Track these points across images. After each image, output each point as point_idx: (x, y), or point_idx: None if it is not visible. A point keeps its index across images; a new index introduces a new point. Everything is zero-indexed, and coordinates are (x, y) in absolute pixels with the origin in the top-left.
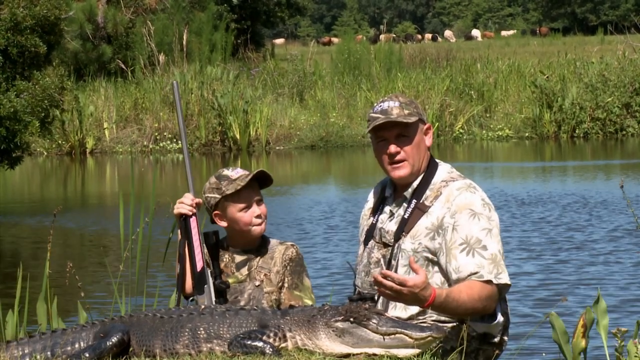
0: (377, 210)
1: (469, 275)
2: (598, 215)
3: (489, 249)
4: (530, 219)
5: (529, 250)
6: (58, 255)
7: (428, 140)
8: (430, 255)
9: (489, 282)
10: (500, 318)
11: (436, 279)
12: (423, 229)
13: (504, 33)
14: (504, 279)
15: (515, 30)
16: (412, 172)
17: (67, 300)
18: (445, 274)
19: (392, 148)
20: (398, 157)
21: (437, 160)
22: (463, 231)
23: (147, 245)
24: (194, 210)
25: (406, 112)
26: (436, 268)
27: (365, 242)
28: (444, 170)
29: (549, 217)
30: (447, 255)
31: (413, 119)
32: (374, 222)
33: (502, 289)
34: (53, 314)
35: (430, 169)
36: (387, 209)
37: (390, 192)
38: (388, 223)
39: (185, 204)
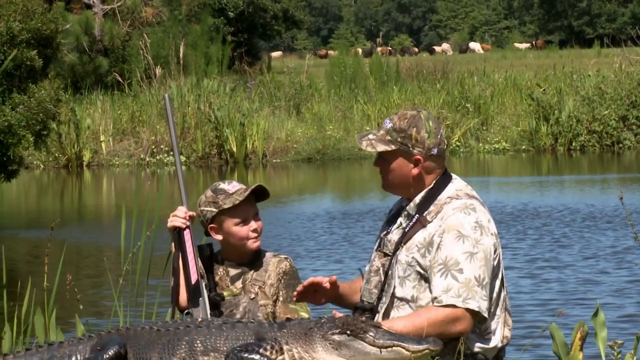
0: (393, 219)
1: (434, 298)
2: (594, 230)
3: (465, 272)
4: (525, 234)
5: (524, 267)
6: (55, 269)
7: (414, 170)
8: (421, 271)
9: (452, 306)
10: (498, 343)
11: (427, 294)
12: (416, 242)
13: (517, 45)
14: (472, 304)
15: (528, 44)
16: (394, 190)
17: (65, 314)
18: None
19: (375, 163)
20: (381, 173)
21: (454, 176)
22: (445, 252)
23: (148, 258)
24: (187, 223)
25: (387, 138)
26: (427, 284)
27: (376, 250)
28: (453, 187)
29: (545, 231)
30: (430, 274)
31: (381, 148)
32: (388, 231)
33: (475, 315)
34: (51, 327)
35: (438, 185)
36: (399, 220)
37: (405, 204)
38: (393, 233)
39: (178, 216)
